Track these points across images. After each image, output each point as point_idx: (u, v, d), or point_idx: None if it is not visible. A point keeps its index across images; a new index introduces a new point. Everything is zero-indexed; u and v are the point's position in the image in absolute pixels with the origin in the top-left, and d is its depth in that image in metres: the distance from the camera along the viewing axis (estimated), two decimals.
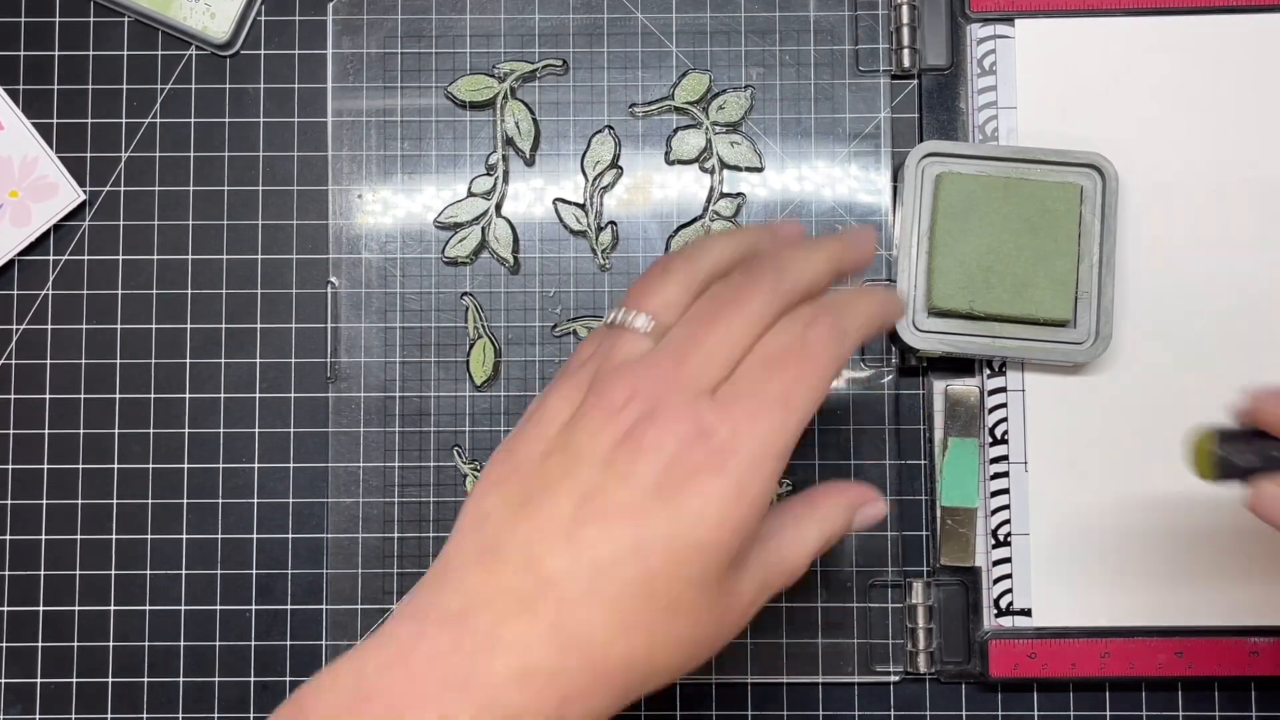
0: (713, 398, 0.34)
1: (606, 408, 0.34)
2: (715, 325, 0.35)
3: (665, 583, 0.33)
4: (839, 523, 0.38)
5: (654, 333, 0.36)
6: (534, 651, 0.33)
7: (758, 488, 0.34)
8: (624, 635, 0.33)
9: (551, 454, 0.35)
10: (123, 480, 0.49)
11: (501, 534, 0.34)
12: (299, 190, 0.49)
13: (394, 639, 0.33)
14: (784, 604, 0.48)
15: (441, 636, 0.33)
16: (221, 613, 0.48)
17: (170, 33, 0.50)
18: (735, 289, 0.36)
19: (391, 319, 0.49)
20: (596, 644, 0.33)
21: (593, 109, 0.49)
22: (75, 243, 0.49)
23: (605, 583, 0.33)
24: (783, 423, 0.34)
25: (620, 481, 0.33)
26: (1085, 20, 0.48)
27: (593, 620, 0.33)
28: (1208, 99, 0.48)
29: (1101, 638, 0.47)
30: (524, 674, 0.32)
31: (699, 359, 0.35)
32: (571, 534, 0.33)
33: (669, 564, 0.33)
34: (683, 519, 0.33)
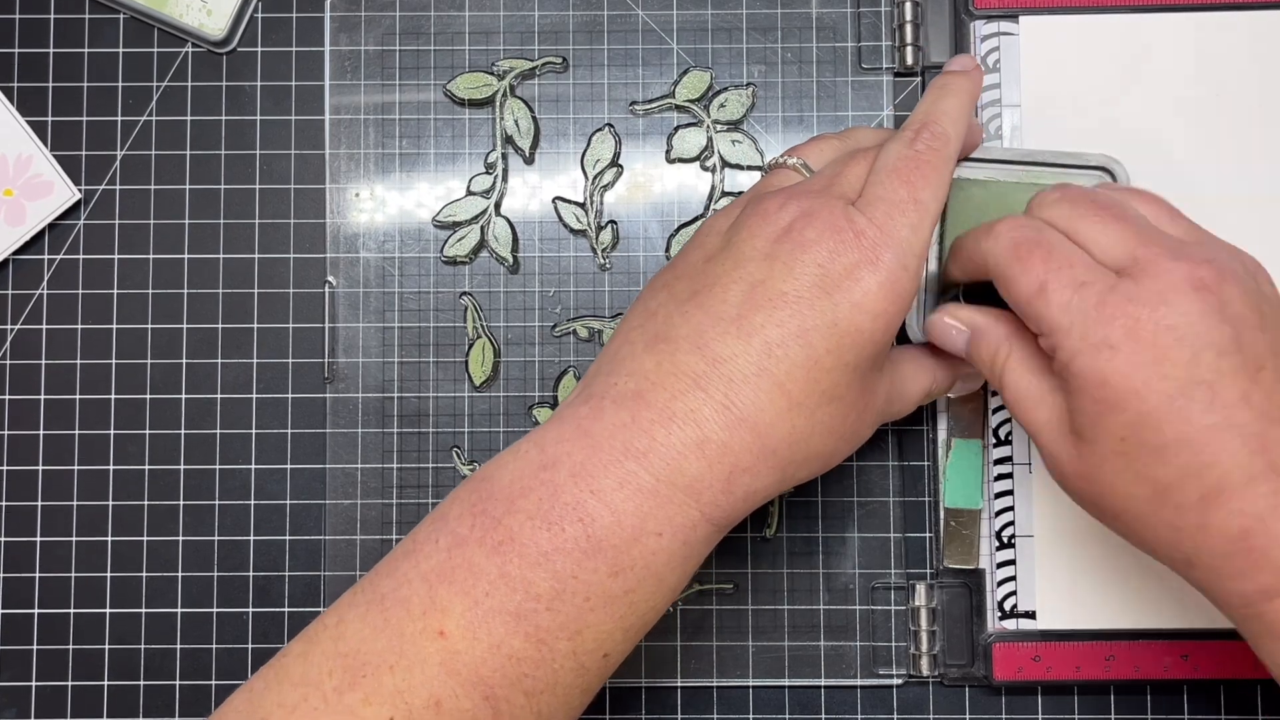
0: (855, 205, 0.38)
1: (763, 214, 0.38)
2: (857, 161, 0.40)
3: (827, 368, 0.37)
4: (943, 383, 0.44)
5: (804, 170, 0.42)
6: (707, 425, 0.36)
7: (906, 283, 0.37)
8: (788, 415, 0.37)
9: (714, 257, 0.39)
10: (118, 482, 0.48)
11: (672, 322, 0.38)
12: (296, 189, 0.49)
13: (572, 418, 0.37)
14: (786, 607, 0.48)
15: (619, 413, 0.37)
16: (218, 615, 0.48)
17: (166, 30, 0.49)
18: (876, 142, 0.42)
19: (390, 319, 0.49)
20: (764, 422, 0.36)
21: (593, 107, 0.49)
22: (70, 242, 0.49)
23: (773, 364, 0.36)
24: (919, 220, 0.38)
25: (785, 273, 0.37)
26: (1089, 17, 0.48)
27: (760, 399, 0.36)
28: (1214, 96, 0.48)
29: (1106, 640, 0.46)
30: (700, 443, 0.36)
31: (844, 181, 0.39)
32: (740, 320, 0.37)
33: (831, 350, 0.37)
34: (843, 308, 0.37)
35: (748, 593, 0.48)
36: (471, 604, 0.35)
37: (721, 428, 0.36)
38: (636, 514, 0.36)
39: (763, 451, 0.37)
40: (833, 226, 0.37)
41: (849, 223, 0.37)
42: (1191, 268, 0.36)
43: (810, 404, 0.37)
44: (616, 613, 0.36)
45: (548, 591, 0.35)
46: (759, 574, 0.48)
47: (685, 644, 0.48)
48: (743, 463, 0.36)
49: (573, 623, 0.36)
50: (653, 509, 0.36)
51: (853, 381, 0.37)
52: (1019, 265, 0.38)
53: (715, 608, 0.48)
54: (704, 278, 0.38)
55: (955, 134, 0.40)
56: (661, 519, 0.36)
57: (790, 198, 0.39)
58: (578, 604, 0.36)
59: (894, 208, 0.38)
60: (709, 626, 0.48)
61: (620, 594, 0.36)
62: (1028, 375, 0.39)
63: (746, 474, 0.37)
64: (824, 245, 0.37)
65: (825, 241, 0.37)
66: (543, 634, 0.35)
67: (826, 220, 0.37)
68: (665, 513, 0.36)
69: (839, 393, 0.37)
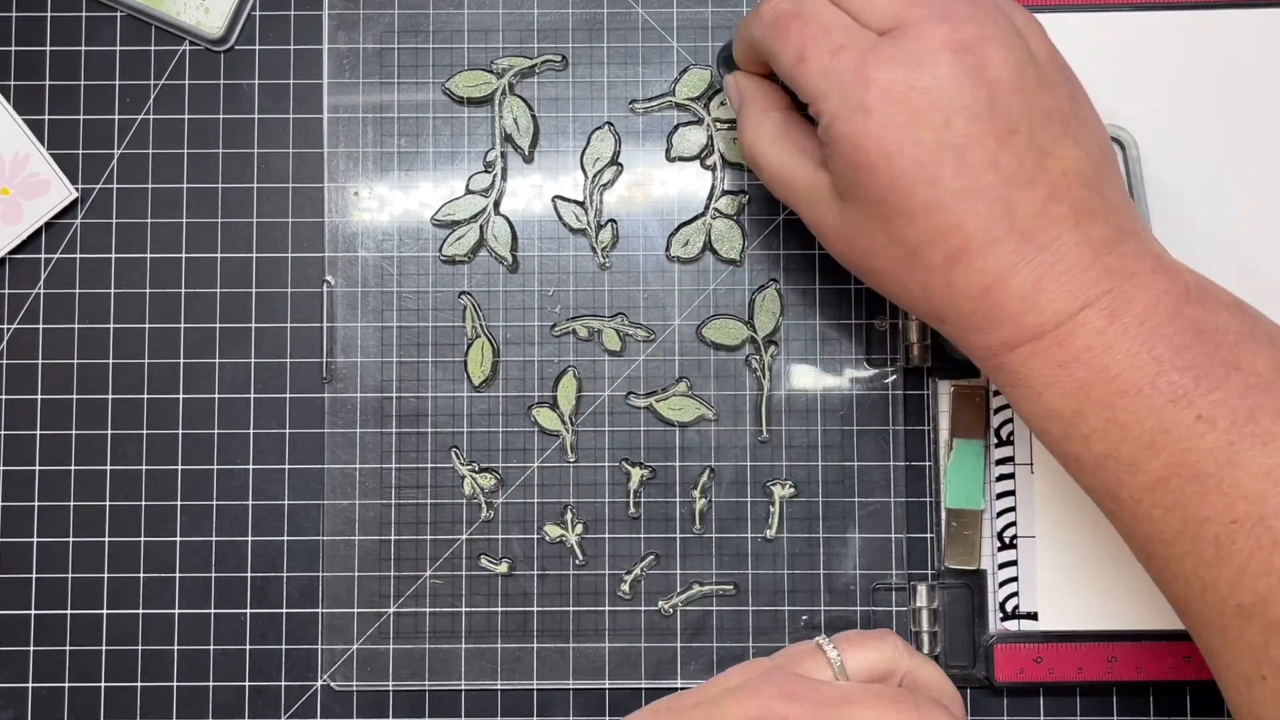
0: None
1: (759, 706, 0.39)
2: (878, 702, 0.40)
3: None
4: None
5: (838, 669, 0.42)
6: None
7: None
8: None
9: (702, 704, 0.40)
10: (115, 482, 0.48)
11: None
12: (294, 188, 0.49)
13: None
14: (786, 608, 0.47)
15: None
16: (216, 616, 0.48)
17: (164, 28, 0.49)
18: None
19: (388, 318, 0.48)
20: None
21: (592, 105, 0.49)
22: (67, 241, 0.49)
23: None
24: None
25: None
26: (1093, 15, 0.48)
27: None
28: (1215, 94, 0.48)
29: (1108, 641, 0.46)
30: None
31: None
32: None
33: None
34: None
35: (748, 594, 0.48)
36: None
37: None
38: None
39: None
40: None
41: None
42: (952, 28, 0.36)
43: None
44: None
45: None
46: (759, 575, 0.48)
47: (685, 645, 0.47)
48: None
49: None
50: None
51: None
52: (780, 38, 0.39)
53: (715, 609, 0.48)
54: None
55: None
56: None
57: (792, 701, 0.38)
58: None
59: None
60: (709, 628, 0.47)
61: None
62: (782, 151, 0.40)
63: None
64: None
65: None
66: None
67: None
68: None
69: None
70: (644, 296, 0.48)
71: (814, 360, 0.48)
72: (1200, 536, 0.35)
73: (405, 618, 0.48)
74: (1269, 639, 0.34)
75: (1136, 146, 0.46)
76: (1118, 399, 0.35)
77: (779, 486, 0.48)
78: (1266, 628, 0.34)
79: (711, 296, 0.48)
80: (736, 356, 0.48)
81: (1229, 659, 0.36)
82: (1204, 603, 0.36)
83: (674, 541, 0.48)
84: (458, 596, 0.48)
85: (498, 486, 0.48)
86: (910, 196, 0.36)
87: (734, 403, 0.48)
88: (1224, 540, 0.34)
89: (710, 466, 0.48)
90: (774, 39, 0.39)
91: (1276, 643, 0.34)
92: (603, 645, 0.48)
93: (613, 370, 0.48)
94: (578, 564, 0.48)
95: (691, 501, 0.48)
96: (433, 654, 0.47)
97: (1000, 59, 0.36)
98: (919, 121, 0.36)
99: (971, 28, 0.36)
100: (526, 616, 0.48)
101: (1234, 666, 0.36)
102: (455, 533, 0.48)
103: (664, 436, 0.48)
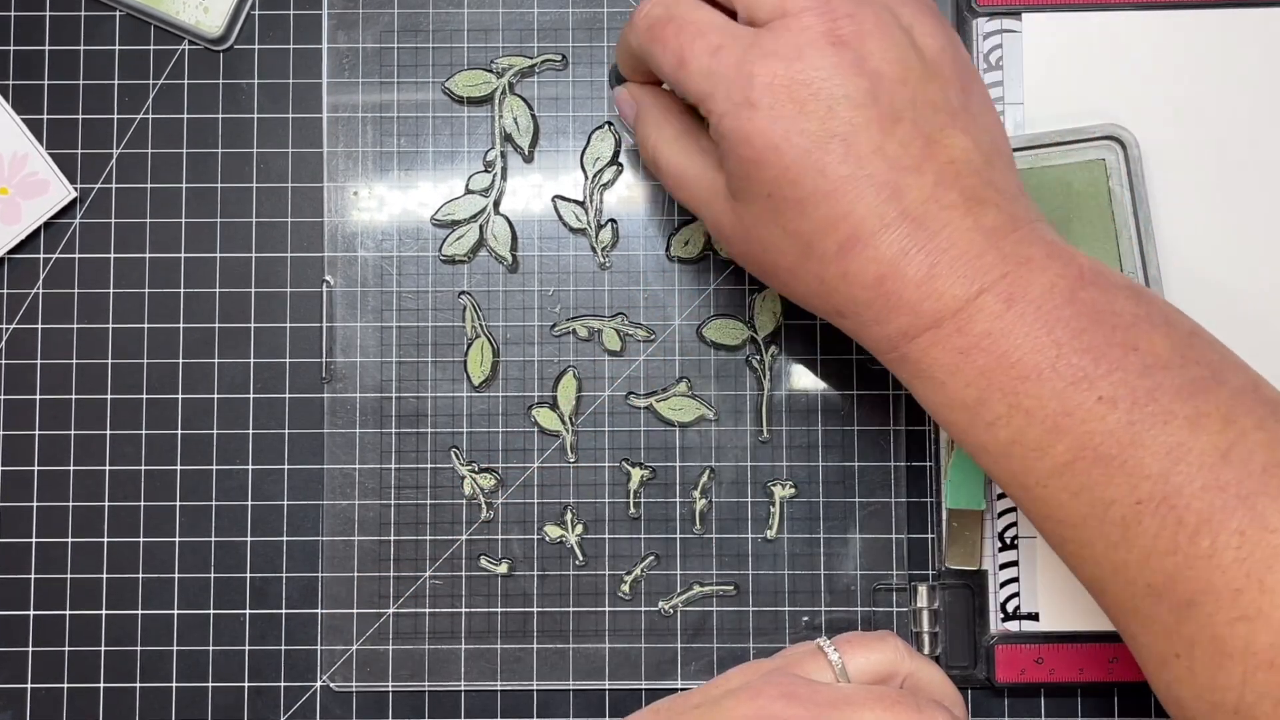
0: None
1: (759, 708, 0.39)
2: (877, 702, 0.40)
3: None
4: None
5: (838, 670, 0.42)
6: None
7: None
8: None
9: (701, 705, 0.40)
10: (114, 482, 0.48)
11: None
12: (293, 187, 0.49)
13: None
14: (787, 609, 0.47)
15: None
16: (215, 617, 0.48)
17: (163, 27, 0.49)
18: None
19: (388, 318, 0.48)
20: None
21: (592, 104, 0.49)
22: (66, 240, 0.49)
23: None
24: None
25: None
26: (1093, 14, 0.48)
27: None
28: (1216, 94, 0.47)
29: (1109, 642, 0.46)
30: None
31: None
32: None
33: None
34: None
35: (749, 594, 0.47)
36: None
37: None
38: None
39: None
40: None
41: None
42: (831, 23, 0.36)
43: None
44: None
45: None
46: (760, 575, 0.47)
47: (685, 646, 0.47)
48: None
49: None
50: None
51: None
52: (657, 45, 0.39)
53: (716, 609, 0.47)
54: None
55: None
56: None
57: (793, 703, 0.38)
58: None
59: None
60: (709, 628, 0.47)
61: None
62: (679, 153, 0.40)
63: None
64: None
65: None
66: None
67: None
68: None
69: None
70: (644, 296, 0.48)
71: (814, 360, 0.48)
72: (1107, 519, 0.35)
73: (405, 618, 0.47)
74: (1180, 617, 0.34)
75: (1137, 146, 0.46)
76: (1020, 384, 0.35)
77: (779, 487, 0.48)
78: (1176, 606, 0.34)
79: (712, 296, 0.48)
80: (737, 356, 0.48)
81: (1144, 639, 0.36)
82: (1115, 584, 0.36)
83: (674, 542, 0.48)
84: (457, 597, 0.48)
85: (497, 487, 0.48)
86: (799, 186, 0.36)
87: (734, 403, 0.48)
88: (1130, 521, 0.34)
89: (711, 467, 0.48)
90: (651, 46, 0.39)
91: (1187, 621, 0.34)
92: (603, 646, 0.47)
93: (613, 370, 0.48)
94: (578, 564, 0.48)
95: (692, 502, 0.48)
96: (432, 654, 0.47)
97: (880, 52, 0.36)
98: (803, 112, 0.36)
99: (850, 22, 0.36)
100: (526, 617, 0.48)
101: (1150, 646, 0.36)
102: (455, 533, 0.48)
103: (664, 436, 0.48)
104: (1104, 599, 0.37)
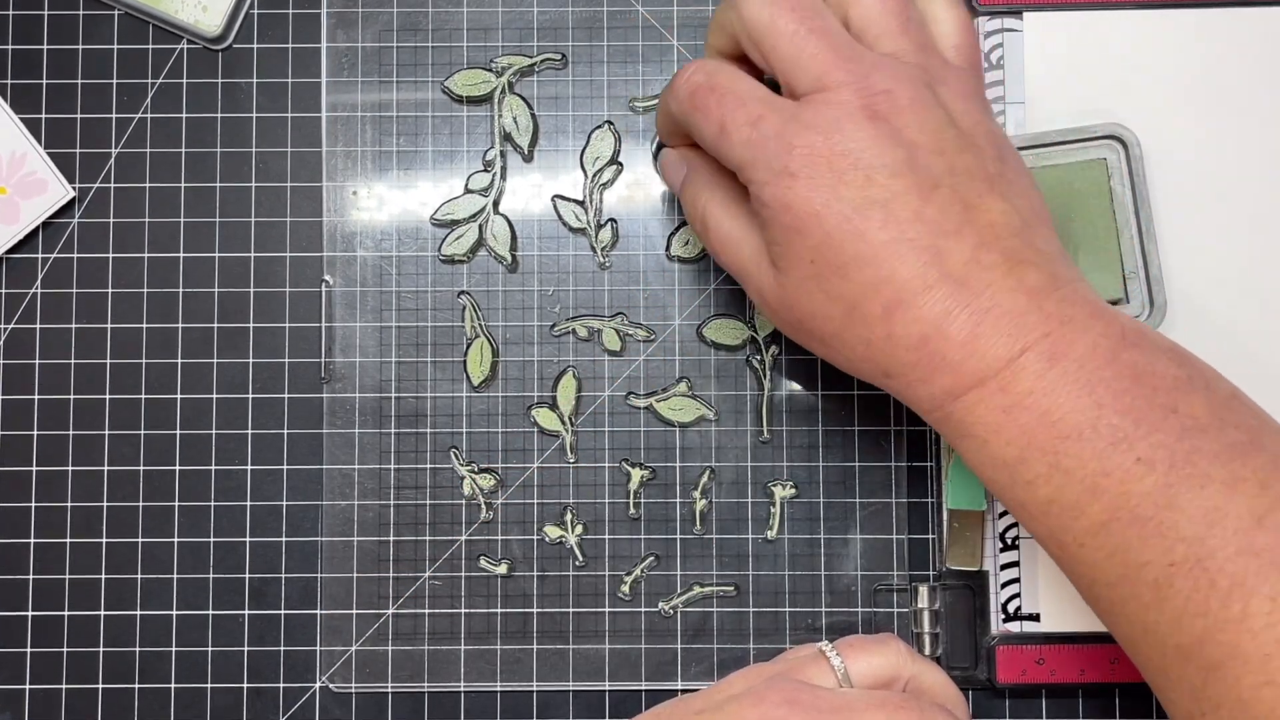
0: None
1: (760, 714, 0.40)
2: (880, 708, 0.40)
3: None
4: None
5: (841, 675, 0.42)
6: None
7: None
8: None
9: (704, 711, 0.41)
10: (113, 482, 0.48)
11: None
12: (292, 187, 0.49)
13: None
14: (787, 609, 0.47)
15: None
16: (214, 617, 0.48)
17: (161, 26, 0.49)
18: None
19: (387, 318, 0.48)
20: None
21: (592, 104, 0.49)
22: (64, 240, 0.49)
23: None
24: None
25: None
26: (1095, 13, 0.48)
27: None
28: (1217, 93, 0.47)
29: (1111, 643, 0.46)
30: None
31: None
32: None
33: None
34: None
35: (749, 595, 0.47)
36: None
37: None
38: None
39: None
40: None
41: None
42: (868, 97, 0.37)
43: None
44: None
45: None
46: (760, 576, 0.47)
47: (686, 647, 0.47)
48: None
49: None
50: None
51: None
52: (698, 113, 0.40)
53: (716, 610, 0.47)
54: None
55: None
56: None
57: (795, 708, 0.38)
58: None
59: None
60: (710, 629, 0.47)
61: None
62: (728, 218, 0.41)
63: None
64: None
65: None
66: None
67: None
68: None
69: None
70: (644, 296, 0.48)
71: (815, 360, 0.48)
72: (1141, 580, 0.35)
73: (404, 619, 0.47)
74: (1206, 679, 0.34)
75: (1139, 145, 0.46)
76: (1060, 443, 0.36)
77: (780, 487, 0.48)
78: (1204, 668, 0.34)
79: (712, 296, 0.48)
80: (737, 356, 0.48)
81: (1173, 696, 0.36)
82: (1147, 644, 0.36)
83: (674, 542, 0.48)
84: (457, 598, 0.47)
85: (497, 487, 0.48)
86: (841, 252, 0.37)
87: (735, 403, 0.48)
88: (1163, 583, 0.35)
89: (711, 467, 0.48)
90: (693, 114, 0.40)
91: (1214, 682, 0.34)
92: (603, 646, 0.47)
93: (613, 370, 0.48)
94: (578, 565, 0.48)
95: (692, 502, 0.48)
96: (432, 655, 0.47)
97: (916, 124, 0.37)
98: (842, 181, 0.37)
99: (886, 98, 0.37)
100: (526, 618, 0.47)
101: (1177, 704, 0.36)
102: (455, 533, 0.48)
103: (664, 437, 0.48)
104: (1136, 657, 0.37)
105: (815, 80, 0.38)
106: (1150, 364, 0.36)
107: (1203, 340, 0.44)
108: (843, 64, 0.38)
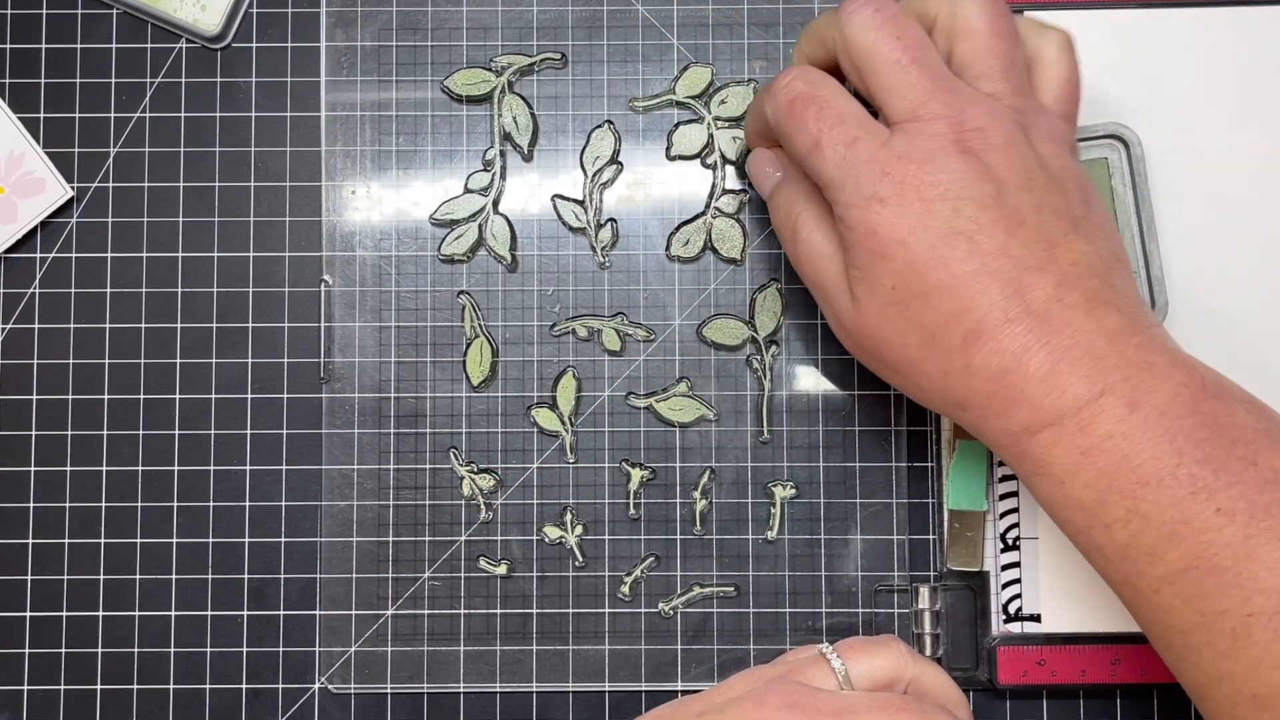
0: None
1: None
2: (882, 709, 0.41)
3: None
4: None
5: (841, 678, 0.42)
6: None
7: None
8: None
9: (704, 714, 0.41)
10: (111, 483, 0.48)
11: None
12: (291, 186, 0.49)
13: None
14: (788, 610, 0.47)
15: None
16: (212, 618, 0.47)
17: (160, 25, 0.49)
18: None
19: (386, 318, 0.48)
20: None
21: (592, 103, 0.49)
22: (63, 240, 0.48)
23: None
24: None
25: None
26: (1094, 13, 0.47)
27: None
28: (1218, 93, 0.47)
29: (1112, 644, 0.46)
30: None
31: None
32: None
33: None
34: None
35: (749, 596, 0.47)
36: None
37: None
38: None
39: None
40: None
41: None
42: (962, 133, 0.38)
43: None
44: None
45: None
46: (760, 577, 0.47)
47: (686, 648, 0.47)
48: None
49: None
50: None
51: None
52: (794, 122, 0.40)
53: (716, 611, 0.47)
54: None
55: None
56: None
57: (796, 711, 0.39)
58: None
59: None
60: (710, 630, 0.47)
61: None
62: (820, 232, 0.41)
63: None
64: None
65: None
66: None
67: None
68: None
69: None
70: (644, 296, 0.48)
71: (815, 360, 0.48)
72: (1217, 628, 0.35)
73: (404, 619, 0.47)
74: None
75: (1140, 145, 0.46)
76: (1139, 489, 0.36)
77: (780, 487, 0.47)
78: (1279, 718, 0.35)
79: (712, 296, 0.48)
80: (737, 356, 0.48)
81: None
82: (1220, 692, 0.36)
83: (674, 543, 0.47)
84: (456, 598, 0.47)
85: (497, 487, 0.48)
86: (925, 279, 0.37)
87: (735, 403, 0.48)
88: (1240, 633, 0.35)
89: (711, 467, 0.48)
90: (788, 123, 0.40)
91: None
92: (602, 647, 0.47)
93: (613, 370, 0.48)
94: (577, 565, 0.48)
95: (692, 503, 0.48)
96: (431, 656, 0.47)
97: (1004, 162, 0.38)
98: (930, 210, 0.37)
99: (978, 136, 0.38)
100: (526, 618, 0.47)
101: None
102: (454, 534, 0.48)
103: (664, 437, 0.48)
104: (1206, 705, 0.37)
105: (911, 109, 0.38)
106: (1230, 415, 0.36)
107: (1204, 339, 0.44)
108: (940, 96, 0.38)
